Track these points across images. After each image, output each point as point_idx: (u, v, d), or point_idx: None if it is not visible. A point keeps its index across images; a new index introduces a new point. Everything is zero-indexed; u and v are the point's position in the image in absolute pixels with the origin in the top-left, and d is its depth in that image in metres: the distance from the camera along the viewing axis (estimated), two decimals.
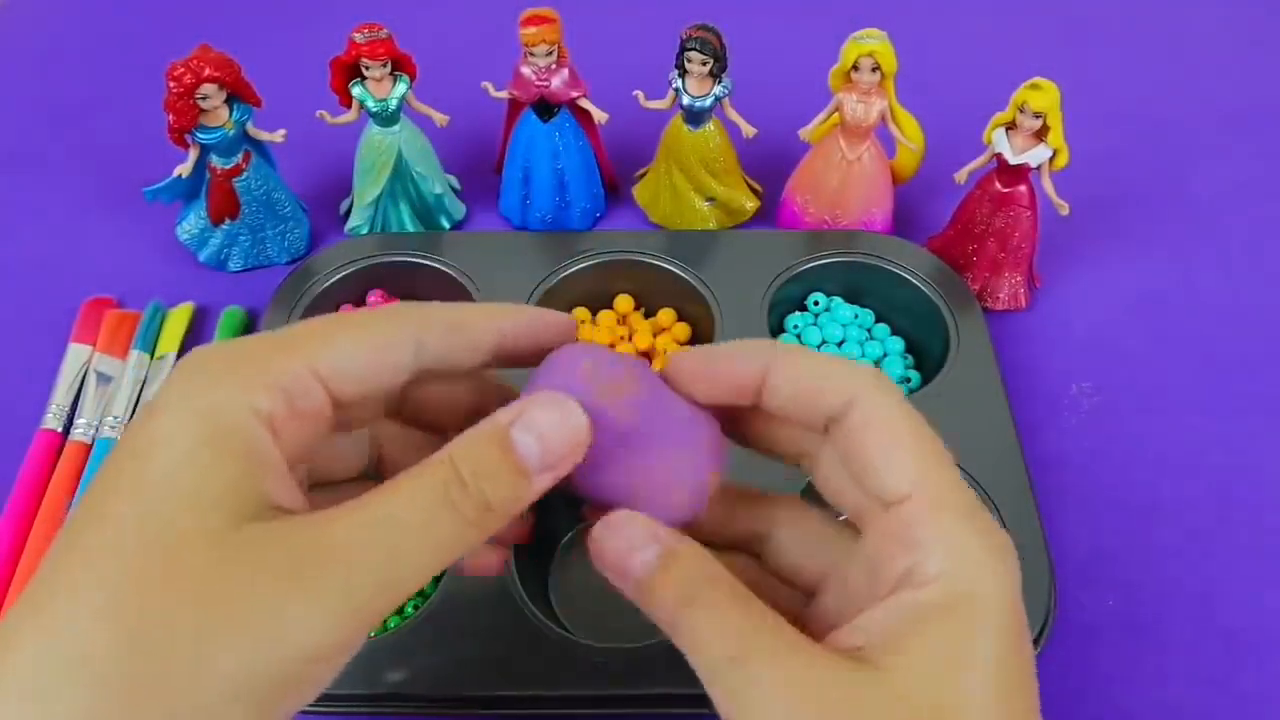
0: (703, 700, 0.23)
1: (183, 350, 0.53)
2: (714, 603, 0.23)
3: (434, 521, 0.22)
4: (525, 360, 0.27)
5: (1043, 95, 0.49)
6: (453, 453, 0.23)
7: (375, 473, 0.29)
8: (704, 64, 0.52)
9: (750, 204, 0.60)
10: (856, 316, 0.54)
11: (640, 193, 0.61)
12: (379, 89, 0.54)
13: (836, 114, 0.55)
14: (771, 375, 0.25)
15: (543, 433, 0.23)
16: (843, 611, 0.25)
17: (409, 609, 0.44)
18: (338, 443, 0.28)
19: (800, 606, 0.27)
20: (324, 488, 0.28)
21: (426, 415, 0.29)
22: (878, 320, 0.55)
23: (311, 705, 0.42)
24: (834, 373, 0.25)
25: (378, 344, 0.24)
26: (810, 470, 0.27)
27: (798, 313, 0.55)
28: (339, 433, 0.26)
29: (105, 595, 0.19)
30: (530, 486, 0.23)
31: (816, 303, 0.55)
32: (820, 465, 0.27)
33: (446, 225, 0.60)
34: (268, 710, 0.20)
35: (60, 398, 0.51)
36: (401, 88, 0.54)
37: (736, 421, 0.28)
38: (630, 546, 0.24)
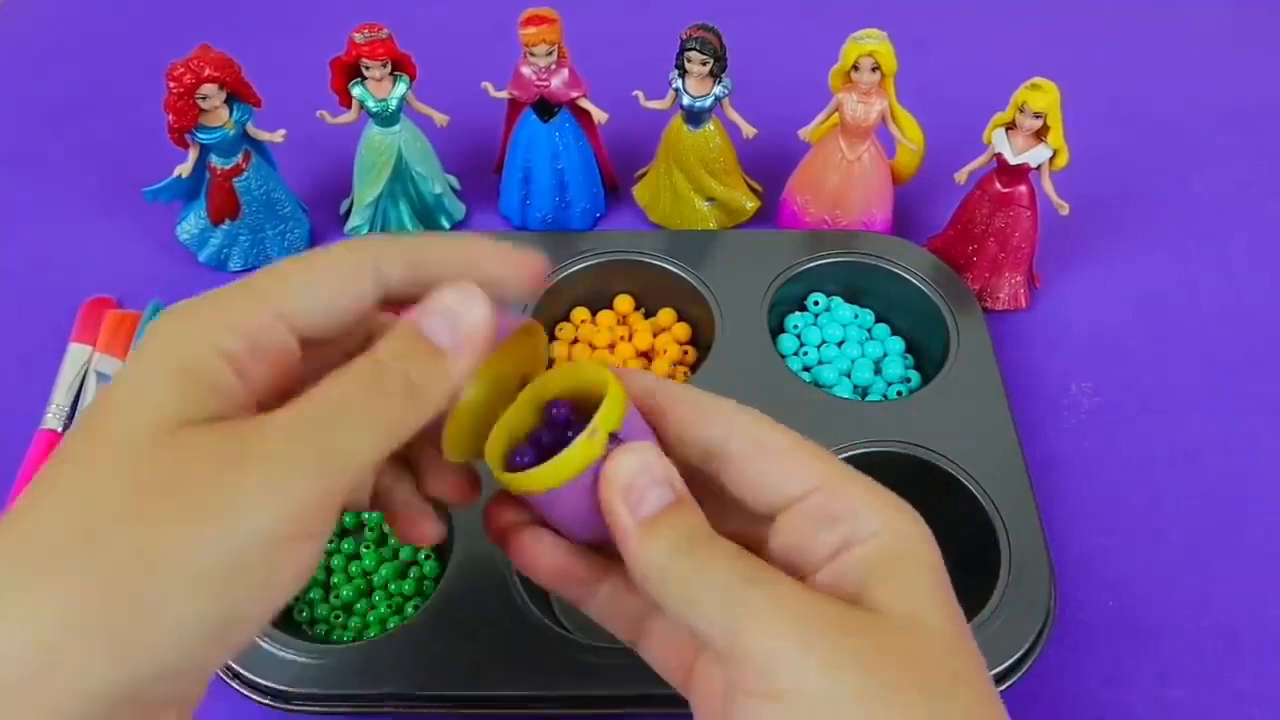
0: None
1: None
2: (720, 545, 0.25)
3: (364, 398, 0.23)
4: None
5: (1043, 95, 0.49)
6: (371, 347, 0.25)
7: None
8: (704, 64, 0.52)
9: (750, 204, 0.60)
10: (856, 316, 0.54)
11: (640, 193, 0.61)
12: (379, 89, 0.54)
13: (836, 114, 0.55)
14: (669, 418, 0.27)
15: (448, 316, 0.25)
16: None
17: (409, 609, 0.44)
18: None
19: None
20: None
21: None
22: (878, 320, 0.55)
23: (311, 705, 0.42)
24: (711, 406, 0.27)
25: (335, 275, 0.25)
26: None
27: (798, 313, 0.55)
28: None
29: (72, 501, 0.21)
30: (448, 365, 0.25)
31: (816, 303, 0.55)
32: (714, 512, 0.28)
33: (446, 225, 0.60)
34: (227, 595, 0.21)
35: (60, 397, 0.51)
36: (401, 88, 0.54)
37: None
38: (648, 481, 0.25)
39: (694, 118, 0.55)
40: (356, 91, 0.54)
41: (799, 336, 0.54)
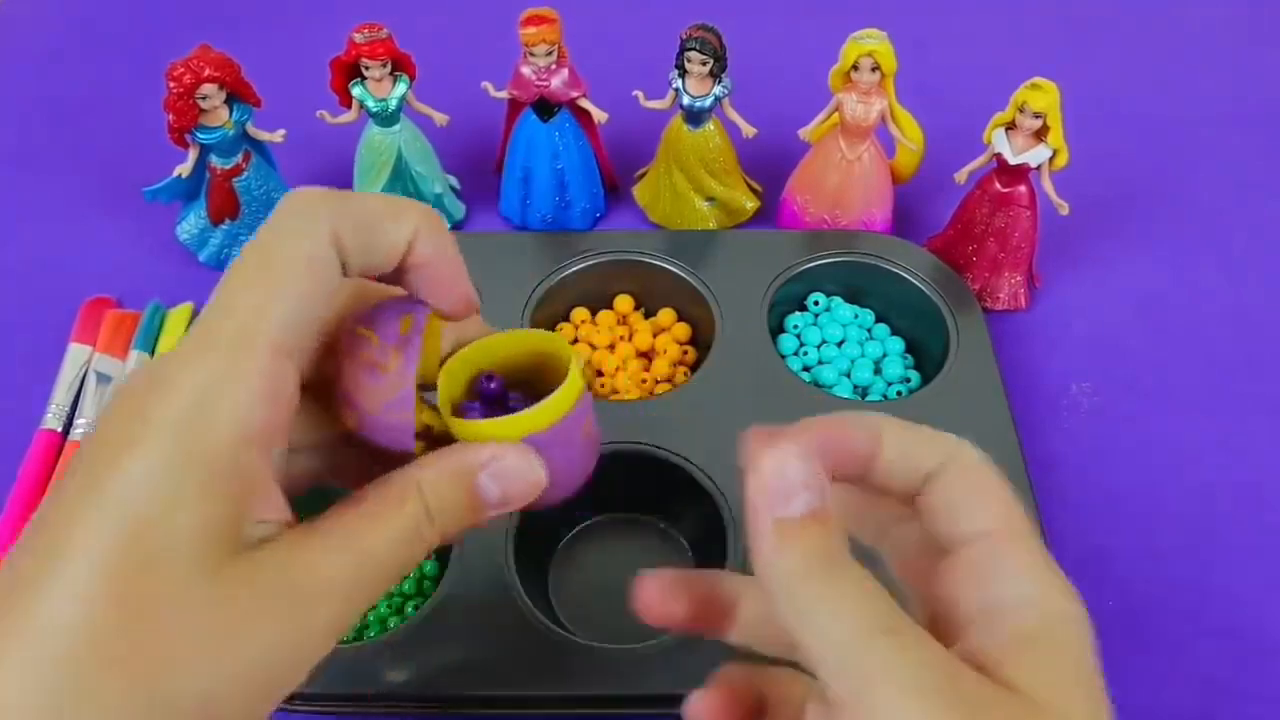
0: None
1: None
2: (857, 575, 0.22)
3: (405, 553, 0.24)
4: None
5: (1043, 95, 0.49)
6: (421, 484, 0.24)
7: None
8: (704, 64, 0.52)
9: (750, 204, 0.60)
10: (856, 316, 0.54)
11: (640, 193, 0.61)
12: (379, 89, 0.54)
13: (836, 114, 0.55)
14: (884, 445, 0.25)
15: (507, 482, 0.25)
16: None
17: (409, 609, 0.44)
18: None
19: None
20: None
21: None
22: (878, 320, 0.55)
23: (312, 705, 0.42)
24: (932, 436, 0.25)
25: (304, 270, 0.23)
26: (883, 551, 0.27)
27: (798, 313, 0.55)
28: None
29: (89, 626, 0.20)
30: (479, 521, 0.25)
31: (816, 303, 0.55)
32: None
33: (446, 225, 0.60)
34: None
35: (60, 397, 0.51)
36: (401, 88, 0.54)
37: None
38: (797, 480, 0.23)
39: (694, 118, 0.55)
40: (356, 91, 0.54)
41: (799, 336, 0.54)
